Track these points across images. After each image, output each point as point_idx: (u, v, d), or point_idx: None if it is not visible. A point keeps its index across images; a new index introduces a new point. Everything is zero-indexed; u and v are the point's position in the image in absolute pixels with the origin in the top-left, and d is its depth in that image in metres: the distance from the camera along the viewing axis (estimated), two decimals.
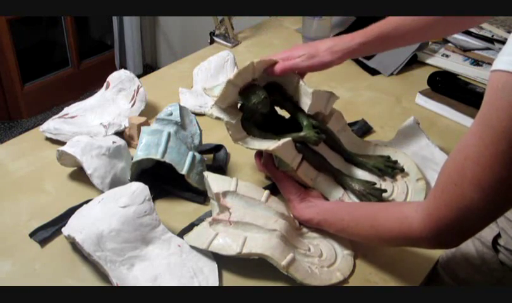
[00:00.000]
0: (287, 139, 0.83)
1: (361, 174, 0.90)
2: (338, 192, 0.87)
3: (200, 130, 0.95)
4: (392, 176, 0.89)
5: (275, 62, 0.84)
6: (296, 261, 0.74)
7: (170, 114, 0.90)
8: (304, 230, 0.82)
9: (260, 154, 0.90)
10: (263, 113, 0.85)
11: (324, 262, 0.77)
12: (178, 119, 0.90)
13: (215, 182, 0.80)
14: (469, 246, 0.81)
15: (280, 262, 0.72)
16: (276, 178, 0.87)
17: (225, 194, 0.79)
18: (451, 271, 0.82)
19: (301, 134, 0.85)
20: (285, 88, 0.87)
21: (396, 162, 0.90)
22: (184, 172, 0.85)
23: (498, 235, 0.78)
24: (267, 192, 0.81)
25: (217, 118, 0.85)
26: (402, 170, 0.89)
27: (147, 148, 0.85)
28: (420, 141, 0.95)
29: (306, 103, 0.85)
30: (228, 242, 0.74)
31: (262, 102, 0.83)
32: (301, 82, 0.85)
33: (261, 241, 0.74)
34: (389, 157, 0.90)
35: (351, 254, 0.80)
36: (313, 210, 0.81)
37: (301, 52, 0.86)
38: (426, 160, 0.93)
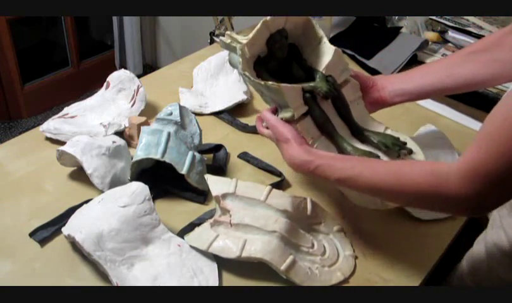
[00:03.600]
0: (297, 85, 0.79)
1: (366, 149, 0.84)
2: None
3: (200, 130, 0.95)
4: (397, 155, 0.82)
5: (306, 20, 0.83)
6: (296, 263, 0.74)
7: (170, 114, 0.90)
8: (311, 219, 0.81)
9: (261, 119, 0.85)
10: (279, 59, 0.82)
11: (326, 261, 0.77)
12: (178, 119, 0.90)
13: (214, 185, 0.80)
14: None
15: (279, 267, 0.72)
16: (272, 123, 0.79)
17: (224, 196, 0.78)
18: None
19: (312, 83, 0.81)
20: (302, 51, 0.85)
21: (405, 144, 0.84)
22: (184, 171, 0.85)
23: None
24: (267, 188, 0.80)
25: (227, 46, 0.80)
26: (410, 151, 0.82)
27: (147, 147, 0.85)
28: (445, 148, 0.94)
29: (324, 61, 0.83)
30: (228, 245, 0.74)
31: (281, 42, 0.80)
32: (325, 39, 0.83)
33: (260, 244, 0.74)
34: (398, 138, 0.85)
35: (353, 255, 0.80)
36: (313, 154, 0.74)
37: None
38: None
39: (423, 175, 0.61)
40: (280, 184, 0.93)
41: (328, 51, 0.83)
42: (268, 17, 0.77)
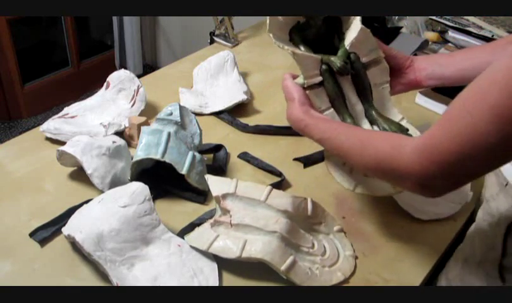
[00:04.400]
0: (316, 55, 0.81)
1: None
2: None
3: (200, 130, 0.95)
4: None
5: None
6: (296, 264, 0.74)
7: (170, 114, 0.90)
8: (311, 219, 0.81)
9: None
10: (316, 27, 0.84)
11: (326, 261, 0.77)
12: (178, 119, 0.90)
13: (214, 185, 0.80)
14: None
15: (279, 267, 0.72)
16: (285, 83, 0.82)
17: (225, 196, 0.78)
18: None
19: (331, 57, 0.82)
20: (342, 23, 0.86)
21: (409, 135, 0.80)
22: (184, 171, 0.85)
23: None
24: (268, 188, 0.80)
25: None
26: None
27: (147, 147, 0.85)
28: None
29: (351, 37, 0.83)
30: (228, 245, 0.74)
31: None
32: (358, 17, 0.83)
33: (261, 245, 0.74)
34: (405, 129, 0.83)
35: (353, 255, 0.80)
36: (307, 114, 0.78)
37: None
38: None
39: (384, 144, 0.63)
40: (280, 184, 0.93)
41: (356, 28, 0.84)
42: None
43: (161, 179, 0.90)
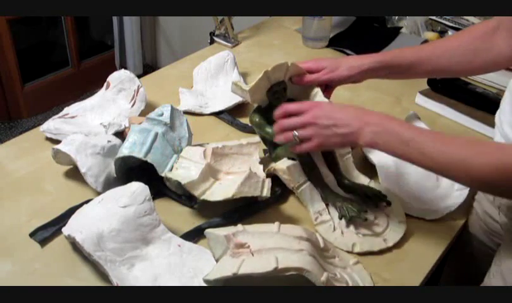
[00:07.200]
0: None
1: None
2: (319, 206, 0.86)
3: (190, 134, 0.92)
4: (375, 205, 0.86)
5: (304, 72, 0.87)
6: (330, 280, 0.69)
7: (161, 115, 0.90)
8: (325, 252, 0.77)
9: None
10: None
11: None
12: (168, 120, 0.89)
13: (218, 231, 0.73)
14: None
15: (319, 278, 0.68)
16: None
17: (235, 234, 0.72)
18: None
19: None
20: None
21: (385, 196, 0.86)
22: (163, 174, 0.85)
23: None
24: (277, 223, 0.74)
25: (236, 92, 0.88)
26: (388, 203, 0.86)
27: (131, 145, 0.85)
28: None
29: None
30: (260, 262, 0.68)
31: (279, 93, 0.86)
32: (320, 93, 0.88)
33: (296, 257, 0.68)
34: (379, 191, 0.87)
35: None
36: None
37: (324, 64, 0.88)
38: None
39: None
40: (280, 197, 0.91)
41: (319, 99, 0.88)
42: (270, 68, 0.83)
43: (156, 179, 0.89)
